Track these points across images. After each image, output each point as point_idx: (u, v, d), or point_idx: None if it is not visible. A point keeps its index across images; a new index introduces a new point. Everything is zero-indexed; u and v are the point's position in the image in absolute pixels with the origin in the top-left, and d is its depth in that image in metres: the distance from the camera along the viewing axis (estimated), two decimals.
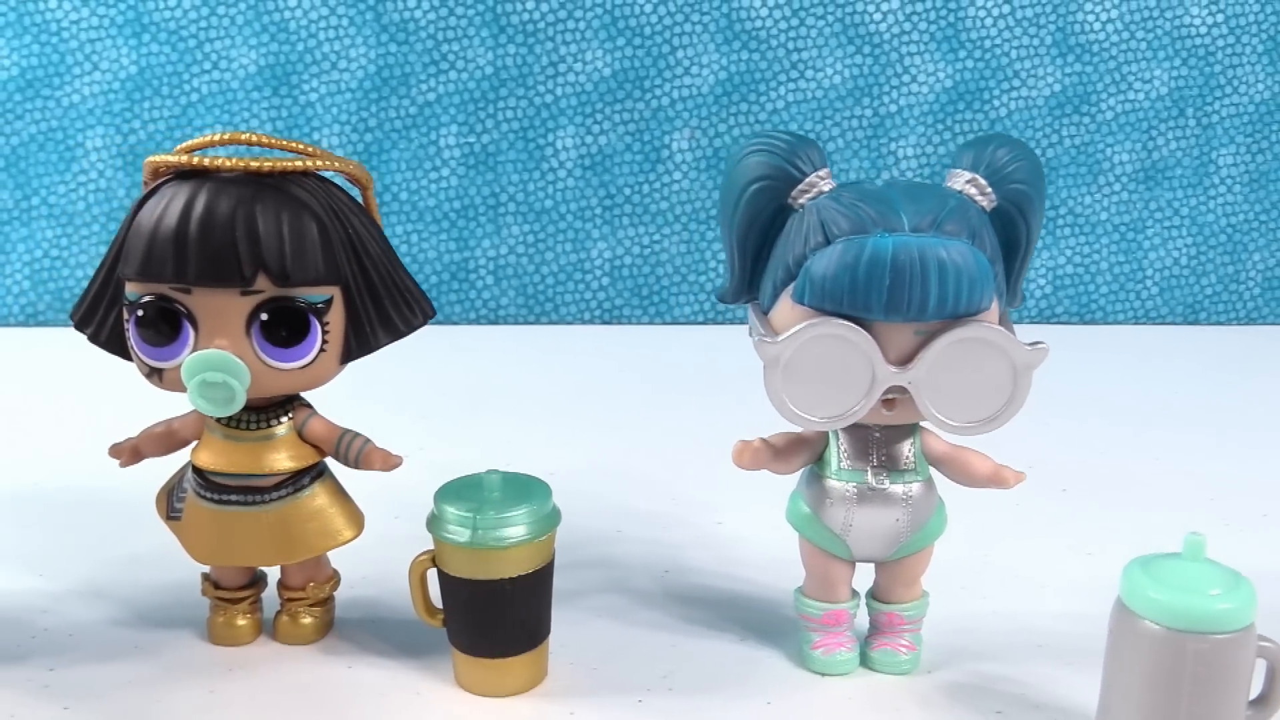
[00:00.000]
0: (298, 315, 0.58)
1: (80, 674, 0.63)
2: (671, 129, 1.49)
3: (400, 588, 0.73)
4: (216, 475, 0.62)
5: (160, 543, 0.80)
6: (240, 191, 0.57)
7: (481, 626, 0.60)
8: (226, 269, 0.56)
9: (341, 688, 0.63)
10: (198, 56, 1.45)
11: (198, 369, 0.57)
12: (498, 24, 1.46)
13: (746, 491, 0.92)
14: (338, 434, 0.64)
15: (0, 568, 0.76)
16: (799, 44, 1.47)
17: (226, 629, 0.66)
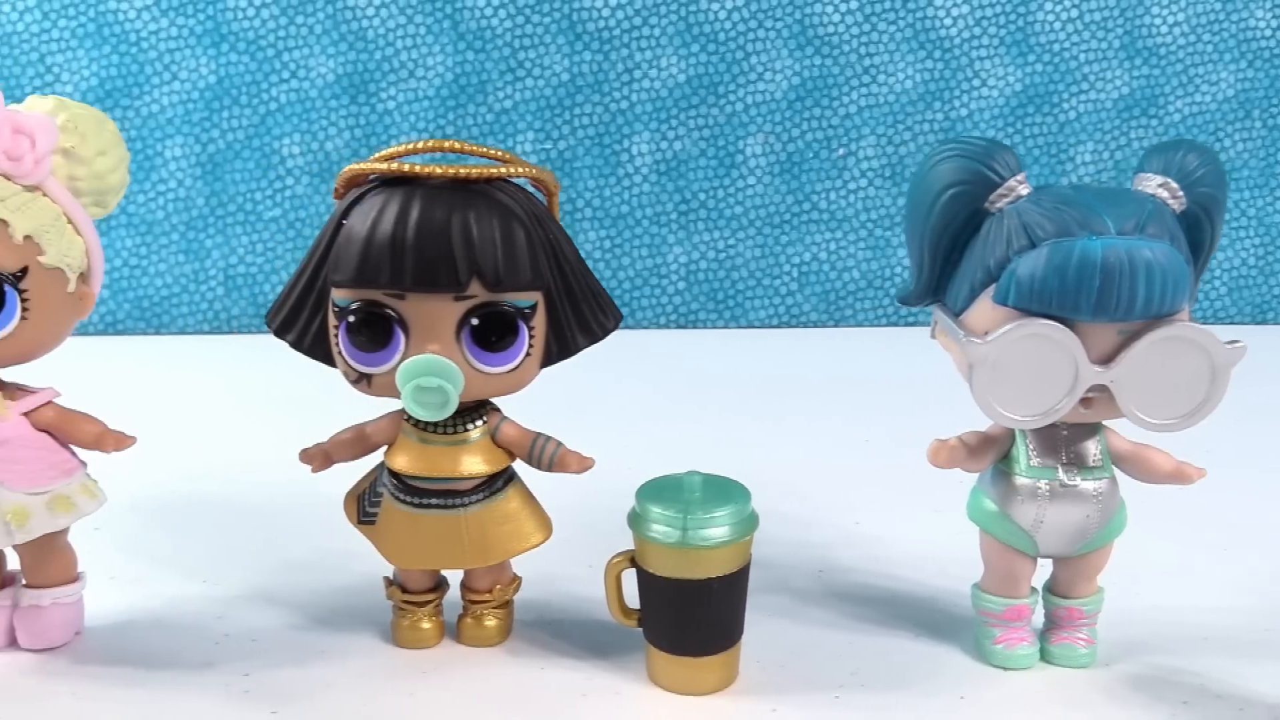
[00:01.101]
0: (507, 320, 0.59)
1: (276, 678, 0.64)
2: (745, 134, 1.50)
3: (570, 589, 0.75)
4: (414, 479, 0.63)
5: (314, 547, 0.82)
6: (452, 198, 0.58)
7: (685, 625, 0.61)
8: (442, 275, 0.57)
9: (539, 689, 0.63)
10: (276, 66, 1.46)
11: (413, 374, 0.58)
12: (573, 31, 1.47)
13: (872, 491, 0.94)
14: (530, 438, 0.65)
15: (165, 575, 0.77)
16: (871, 49, 1.49)
17: (412, 632, 0.67)
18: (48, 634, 0.66)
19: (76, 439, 0.65)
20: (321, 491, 0.92)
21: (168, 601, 0.73)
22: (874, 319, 1.55)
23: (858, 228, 1.52)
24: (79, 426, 0.65)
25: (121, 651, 0.67)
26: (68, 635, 0.67)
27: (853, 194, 1.52)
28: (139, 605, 0.73)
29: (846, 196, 1.52)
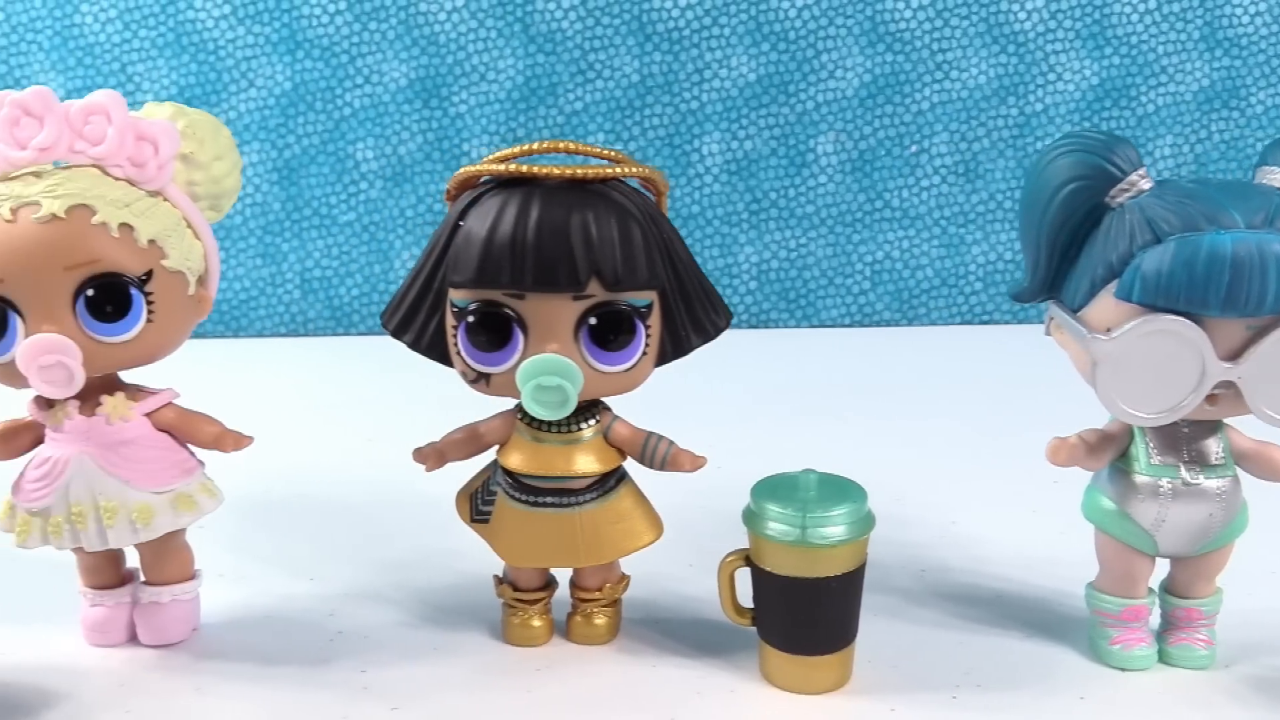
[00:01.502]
0: (625, 319, 0.59)
1: (394, 675, 0.65)
2: (816, 132, 1.49)
3: (672, 588, 0.75)
4: (529, 478, 0.64)
5: (413, 546, 0.83)
6: (570, 198, 0.59)
7: (801, 624, 0.61)
8: (562, 275, 0.57)
9: (654, 687, 0.63)
10: (350, 71, 1.48)
11: (534, 373, 0.58)
12: (643, 32, 1.47)
13: (965, 491, 0.93)
14: (643, 437, 0.65)
15: (271, 573, 0.78)
16: (943, 45, 1.47)
17: (523, 630, 0.68)
18: (167, 630, 0.68)
19: (196, 439, 0.66)
20: (415, 491, 0.93)
21: (277, 599, 0.74)
22: (947, 317, 1.53)
23: (930, 225, 1.51)
24: (198, 426, 0.66)
25: (239, 647, 0.68)
26: (186, 632, 0.68)
27: (925, 191, 1.50)
28: (249, 602, 0.74)
29: (919, 194, 1.50)
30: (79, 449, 0.63)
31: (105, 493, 0.63)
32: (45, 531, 0.64)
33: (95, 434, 0.63)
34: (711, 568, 0.78)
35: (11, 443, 0.65)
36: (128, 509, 0.63)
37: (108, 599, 0.68)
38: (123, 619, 0.68)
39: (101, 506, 0.63)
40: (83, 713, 0.61)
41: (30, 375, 0.59)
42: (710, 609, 0.72)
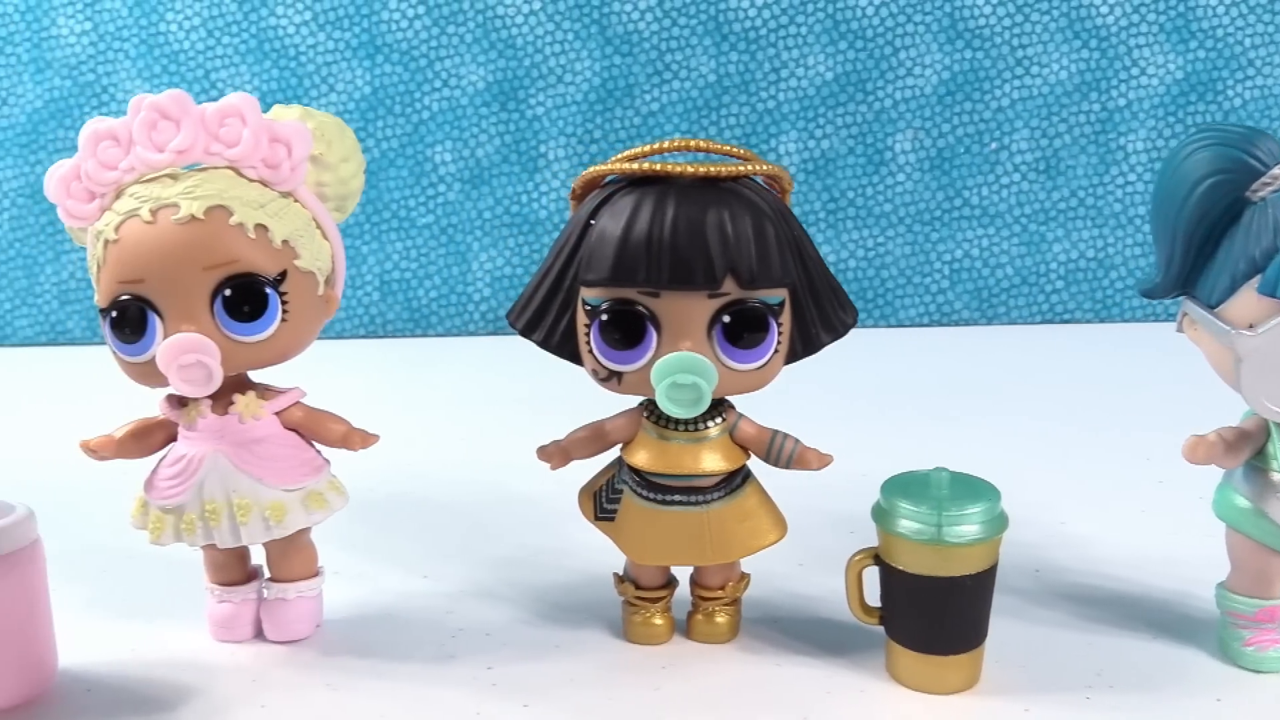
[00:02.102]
0: (759, 317, 0.59)
1: (519, 672, 0.65)
2: (894, 130, 1.48)
3: (785, 586, 0.75)
4: (656, 476, 0.64)
5: (520, 544, 0.83)
6: (705, 196, 0.59)
7: (934, 623, 0.61)
8: (699, 272, 0.57)
9: (781, 686, 0.63)
10: (428, 75, 1.49)
11: (669, 371, 0.58)
12: (719, 32, 1.47)
13: (1070, 491, 0.92)
14: (769, 435, 0.64)
15: (386, 571, 0.79)
16: (1023, 40, 1.46)
17: (645, 628, 0.68)
18: (293, 626, 0.68)
19: (323, 437, 0.67)
20: (513, 490, 0.95)
21: (394, 597, 0.75)
22: (1028, 316, 1.51)
23: (1010, 223, 1.49)
24: (326, 425, 0.66)
25: (362, 644, 0.68)
26: (311, 628, 0.69)
27: (1005, 189, 1.49)
28: (367, 600, 0.74)
29: (999, 191, 1.49)
30: (213, 447, 0.64)
31: (239, 490, 0.64)
32: (178, 529, 0.65)
33: (228, 432, 0.64)
34: (819, 566, 0.78)
35: (144, 441, 0.66)
36: (261, 506, 0.64)
37: (234, 595, 0.69)
38: (249, 615, 0.69)
39: (235, 504, 0.63)
40: (218, 708, 0.62)
41: (170, 374, 0.60)
42: (825, 607, 0.72)
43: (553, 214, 1.51)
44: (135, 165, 0.61)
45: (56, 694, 0.63)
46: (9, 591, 0.61)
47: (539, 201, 1.51)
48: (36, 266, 1.54)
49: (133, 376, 0.63)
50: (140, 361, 0.62)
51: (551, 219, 1.51)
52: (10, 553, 0.61)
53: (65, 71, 1.50)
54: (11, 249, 1.54)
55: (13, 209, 1.53)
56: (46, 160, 1.51)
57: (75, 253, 1.54)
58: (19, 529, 0.61)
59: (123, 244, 0.60)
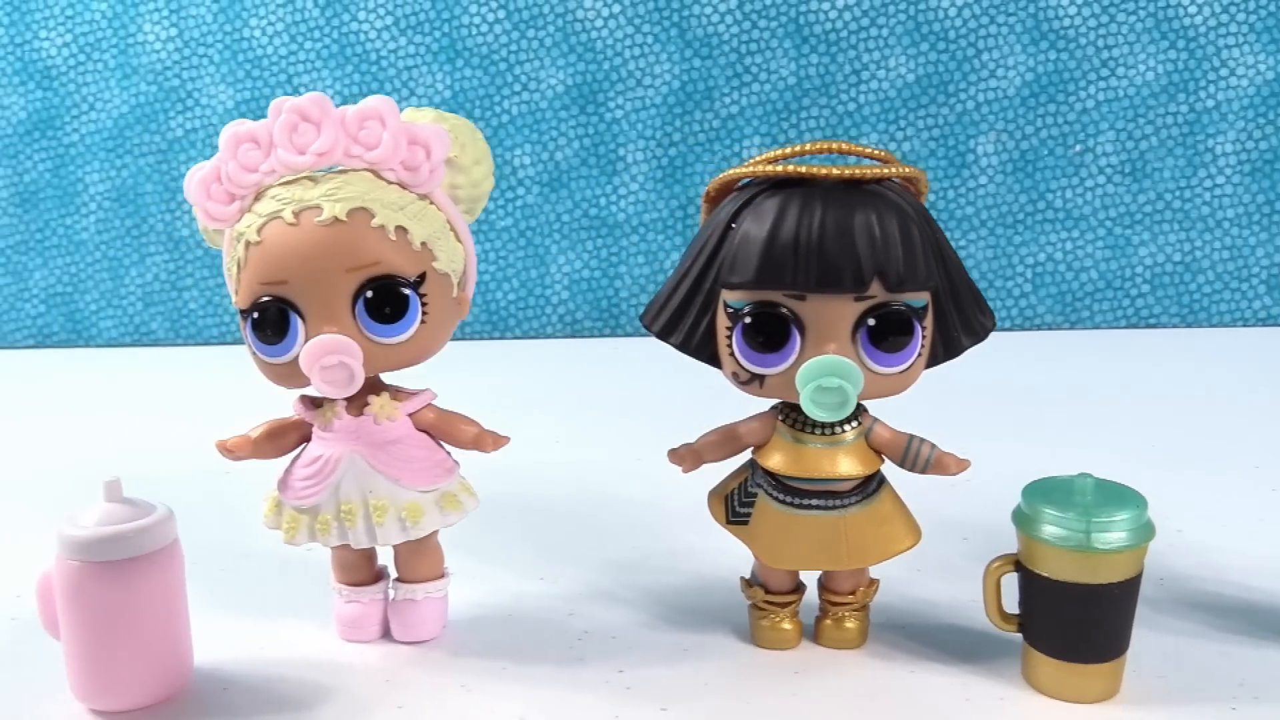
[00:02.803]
0: (904, 320, 0.59)
1: (653, 676, 0.65)
2: (977, 133, 1.47)
3: (905, 591, 0.74)
4: (792, 480, 0.63)
5: (633, 547, 0.83)
6: (850, 198, 0.58)
7: (1079, 631, 0.60)
8: (847, 275, 0.57)
9: (918, 693, 0.63)
10: (508, 79, 1.49)
11: (816, 374, 0.58)
12: (800, 34, 1.46)
13: (1181, 500, 0.90)
14: (905, 439, 0.64)
15: (501, 573, 0.79)
16: (1109, 41, 1.44)
17: (774, 632, 0.67)
18: (421, 627, 0.69)
19: (455, 439, 0.67)
20: (616, 493, 0.95)
21: (513, 598, 0.75)
22: (1112, 321, 1.49)
23: (1095, 226, 1.47)
24: (458, 426, 0.67)
25: (490, 645, 0.69)
26: (438, 629, 0.69)
27: (1090, 191, 1.47)
28: (486, 601, 0.75)
29: (1083, 194, 1.47)
30: (349, 448, 0.64)
31: (375, 491, 0.64)
32: (313, 529, 0.65)
33: (364, 433, 0.64)
34: (937, 572, 0.77)
35: (279, 441, 0.67)
36: (397, 507, 0.64)
37: (362, 596, 0.69)
38: (376, 615, 0.69)
39: (371, 505, 0.64)
40: (356, 708, 0.62)
41: (312, 375, 0.61)
42: (948, 613, 0.72)
43: (630, 217, 1.51)
44: (276, 167, 0.62)
45: (194, 692, 0.64)
46: (151, 590, 0.62)
47: (617, 205, 1.51)
48: (122, 269, 1.56)
49: (271, 377, 0.64)
50: (281, 362, 0.62)
51: (630, 222, 1.51)
52: (152, 552, 0.61)
53: (151, 77, 1.52)
54: (97, 251, 1.56)
55: (99, 212, 1.55)
56: (132, 165, 1.53)
57: (159, 255, 1.56)
58: (160, 529, 0.62)
59: (265, 246, 0.61)
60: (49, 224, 1.56)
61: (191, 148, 1.52)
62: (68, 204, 1.55)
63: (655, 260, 1.52)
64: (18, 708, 0.63)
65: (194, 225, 1.50)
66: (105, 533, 0.60)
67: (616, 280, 1.53)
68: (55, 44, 1.51)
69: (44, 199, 1.55)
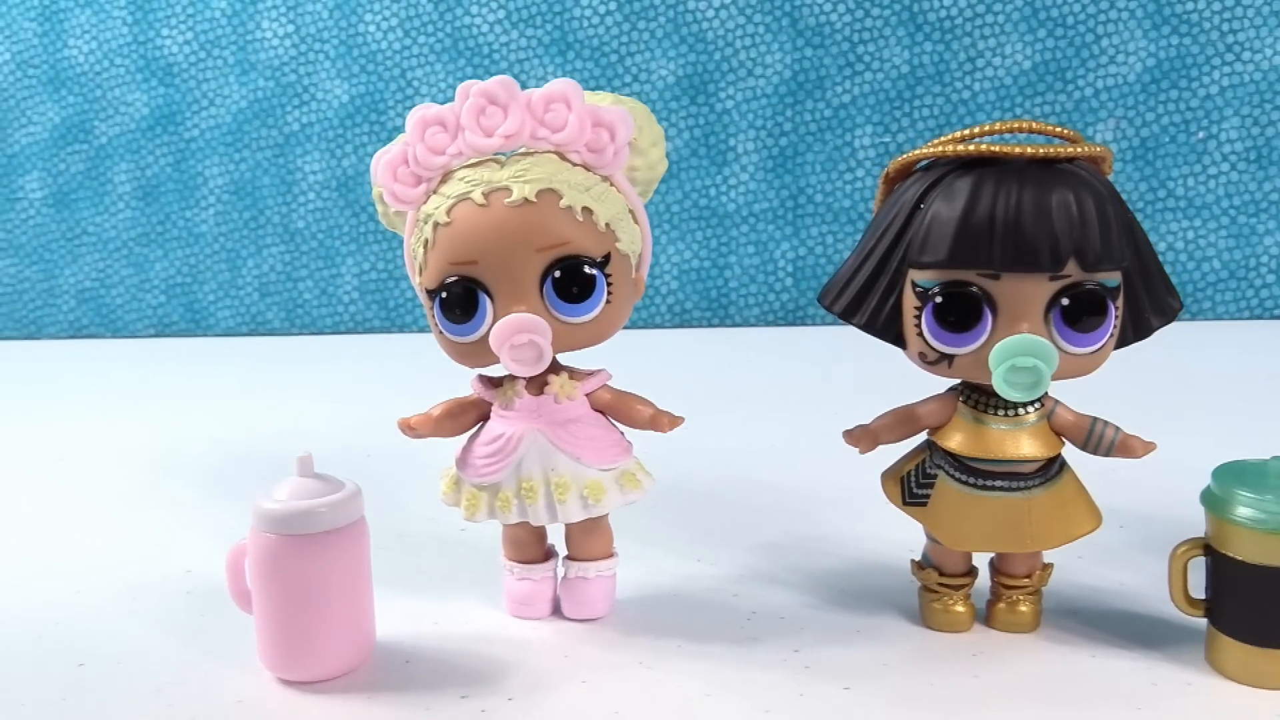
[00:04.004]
0: (1098, 300, 0.58)
1: (829, 656, 0.65)
2: (1095, 120, 1.45)
3: (1069, 577, 0.73)
4: (974, 460, 0.63)
5: (784, 531, 0.83)
6: (1043, 177, 0.58)
7: (1274, 616, 0.59)
8: (1044, 254, 0.57)
9: (1103, 676, 0.62)
10: (619, 70, 1.50)
11: (1010, 354, 0.58)
12: (914, 22, 1.45)
13: None
14: (1088, 422, 0.63)
15: (658, 554, 0.80)
16: (1234, 25, 1.41)
17: (946, 615, 0.67)
18: (592, 605, 0.69)
19: (630, 419, 0.68)
20: (760, 479, 0.95)
21: (676, 579, 0.76)
22: (1235, 311, 1.46)
23: (1218, 215, 1.45)
24: (633, 407, 0.67)
25: (660, 624, 0.69)
26: (608, 608, 0.70)
27: (1213, 179, 1.44)
28: (648, 581, 0.75)
29: (1206, 183, 1.44)
30: (531, 426, 0.65)
31: (557, 469, 0.65)
32: (493, 506, 0.66)
33: (545, 412, 0.65)
34: (1096, 558, 0.76)
35: (459, 419, 0.68)
36: (579, 485, 0.65)
37: (533, 573, 0.70)
38: (547, 593, 0.70)
39: (553, 482, 0.65)
40: (541, 683, 0.63)
41: (501, 353, 0.62)
42: (1118, 599, 0.71)
43: (740, 207, 1.51)
44: (463, 150, 0.63)
45: (377, 665, 0.66)
46: (341, 564, 0.63)
47: (727, 195, 1.51)
48: (239, 260, 1.60)
49: (455, 356, 0.65)
50: (469, 341, 0.63)
51: (740, 212, 1.51)
52: (343, 527, 0.63)
53: (268, 73, 1.55)
54: (216, 243, 1.60)
55: (218, 205, 1.59)
56: (250, 159, 1.57)
57: (276, 247, 1.59)
58: (350, 504, 0.63)
59: (455, 226, 0.62)
60: (169, 217, 1.60)
61: (307, 141, 1.55)
62: (188, 197, 1.59)
63: (765, 250, 1.52)
64: (207, 678, 0.65)
65: (310, 218, 1.54)
66: (300, 507, 0.62)
67: (726, 270, 1.53)
68: (177, 41, 1.56)
69: (165, 192, 1.59)
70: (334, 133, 1.53)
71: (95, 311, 1.62)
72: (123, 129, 1.59)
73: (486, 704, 0.61)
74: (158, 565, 0.80)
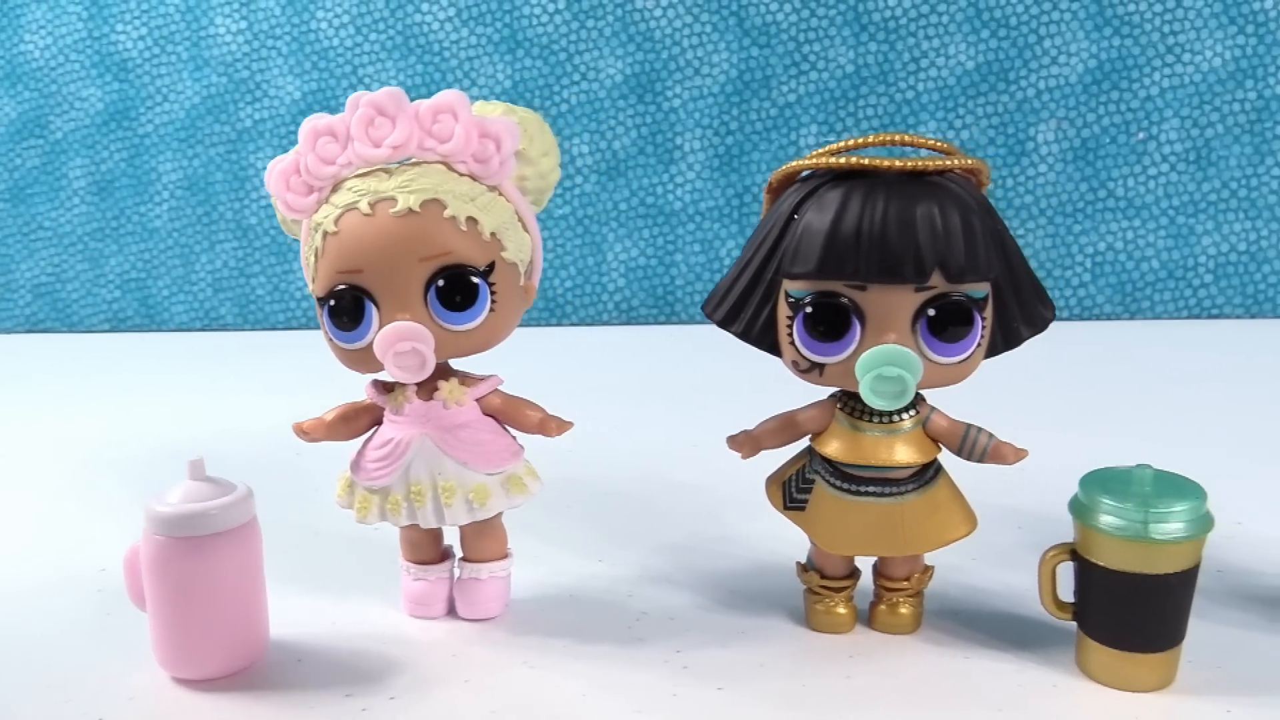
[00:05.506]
0: (964, 311, 0.60)
1: (710, 657, 0.66)
2: (1037, 120, 1.46)
3: (958, 580, 0.75)
4: (850, 467, 0.64)
5: (689, 532, 0.85)
6: (912, 190, 0.59)
7: (1136, 620, 0.60)
8: (908, 266, 0.58)
9: (972, 678, 0.63)
10: (567, 69, 1.51)
11: (875, 363, 0.59)
12: (859, 22, 1.46)
13: (1240, 491, 0.89)
14: (962, 429, 0.65)
15: (559, 554, 0.81)
16: (1175, 27, 1.42)
17: (828, 617, 0.68)
18: (485, 605, 0.71)
19: (520, 423, 0.69)
20: (673, 479, 0.96)
21: (574, 579, 0.77)
22: (1174, 311, 1.48)
23: (1157, 215, 1.46)
24: (523, 411, 0.69)
25: (551, 625, 0.71)
26: (501, 608, 0.72)
27: (1152, 180, 1.45)
28: (547, 581, 0.77)
29: (1145, 183, 1.46)
30: (420, 431, 0.66)
31: (444, 473, 0.66)
32: (384, 509, 0.68)
33: (434, 417, 0.66)
34: (990, 560, 0.78)
35: (352, 423, 0.69)
36: (465, 489, 0.66)
37: (429, 574, 0.71)
38: (442, 593, 0.72)
39: (440, 486, 0.66)
40: (425, 681, 0.64)
41: (386, 360, 0.63)
42: (1002, 601, 0.72)
43: (687, 205, 1.53)
44: (353, 160, 0.64)
45: (269, 664, 0.67)
46: (231, 565, 0.64)
47: (674, 193, 1.52)
48: (193, 255, 1.61)
49: (346, 363, 0.66)
50: (356, 348, 0.65)
51: (686, 210, 1.53)
52: (233, 529, 0.64)
53: (221, 69, 1.56)
54: (170, 239, 1.61)
55: (171, 200, 1.60)
56: (204, 154, 1.58)
57: (229, 243, 1.60)
58: (240, 506, 0.64)
59: (342, 236, 0.63)
60: (124, 212, 1.61)
61: (260, 138, 1.56)
62: (142, 192, 1.60)
63: (711, 249, 1.53)
64: (106, 674, 0.66)
65: (262, 214, 1.55)
66: (189, 510, 0.63)
67: (672, 268, 1.54)
68: (131, 37, 1.56)
69: (119, 188, 1.60)
70: (286, 129, 1.53)
71: (50, 306, 1.63)
72: (77, 124, 1.59)
73: (368, 703, 0.62)
74: (74, 563, 0.82)
